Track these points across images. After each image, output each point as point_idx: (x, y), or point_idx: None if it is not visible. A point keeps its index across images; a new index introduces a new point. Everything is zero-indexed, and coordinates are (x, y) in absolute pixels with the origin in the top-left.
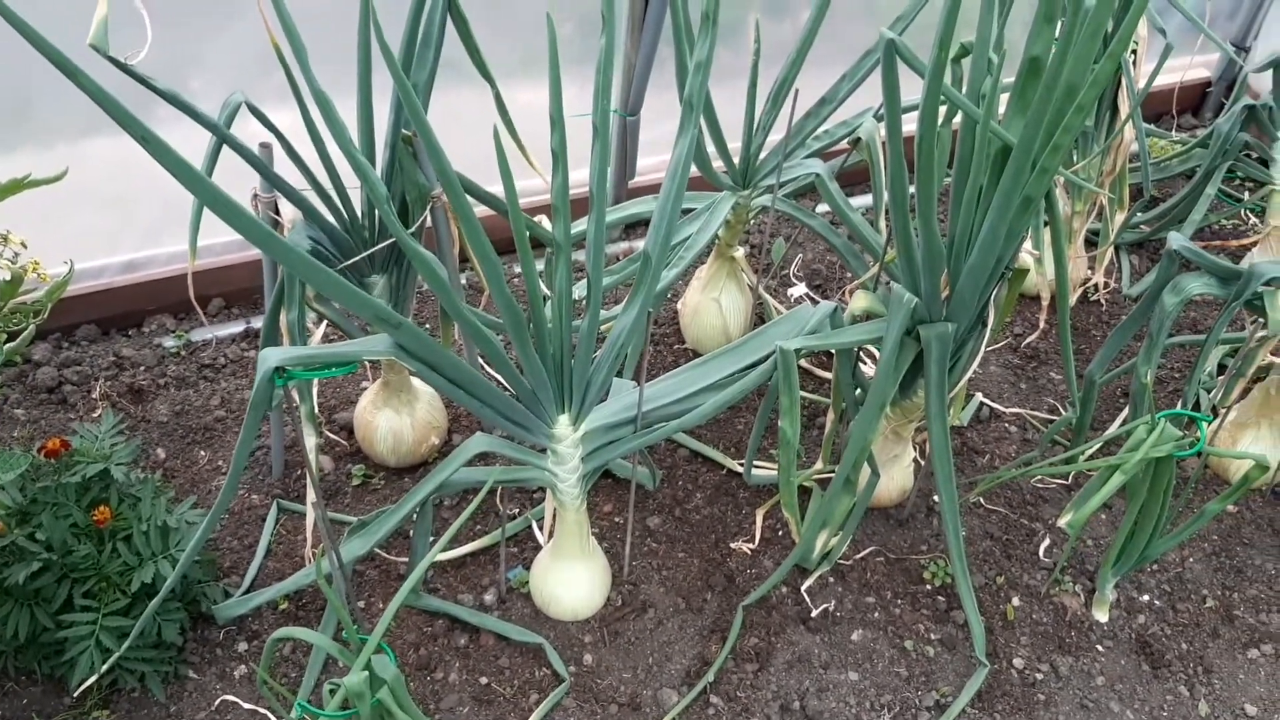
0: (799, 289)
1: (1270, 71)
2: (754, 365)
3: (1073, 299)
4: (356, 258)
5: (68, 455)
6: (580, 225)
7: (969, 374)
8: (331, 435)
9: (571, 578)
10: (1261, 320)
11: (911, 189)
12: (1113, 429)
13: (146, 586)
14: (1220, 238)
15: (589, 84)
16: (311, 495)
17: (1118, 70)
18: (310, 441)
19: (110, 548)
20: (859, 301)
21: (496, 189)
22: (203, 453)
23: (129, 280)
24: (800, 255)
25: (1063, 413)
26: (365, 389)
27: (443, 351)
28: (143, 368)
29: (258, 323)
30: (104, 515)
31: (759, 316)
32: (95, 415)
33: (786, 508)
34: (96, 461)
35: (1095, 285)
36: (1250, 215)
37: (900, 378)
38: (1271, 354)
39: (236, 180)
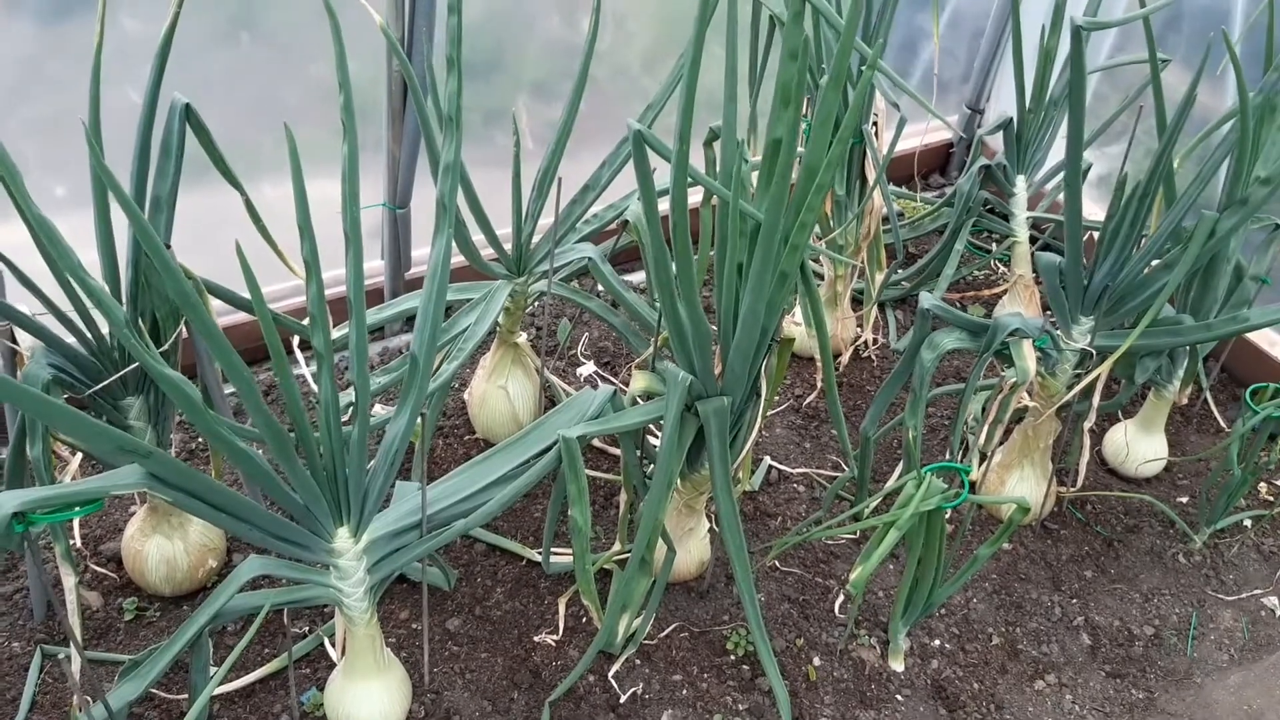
0: (588, 368)
1: (1000, 133)
2: (541, 454)
3: (845, 356)
4: (105, 382)
5: None
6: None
7: (750, 443)
8: (98, 568)
9: (367, 696)
10: (1009, 368)
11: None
12: (891, 482)
13: None
14: (974, 288)
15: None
16: (73, 641)
17: (861, 143)
18: (69, 581)
19: None
20: (638, 382)
21: (267, 289)
22: None
23: None
24: (586, 334)
25: (845, 469)
26: (133, 514)
27: (200, 477)
28: None
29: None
30: None
31: (549, 399)
32: None
33: (585, 595)
34: None
35: (865, 342)
36: (999, 265)
37: (685, 453)
38: (1023, 398)
39: None
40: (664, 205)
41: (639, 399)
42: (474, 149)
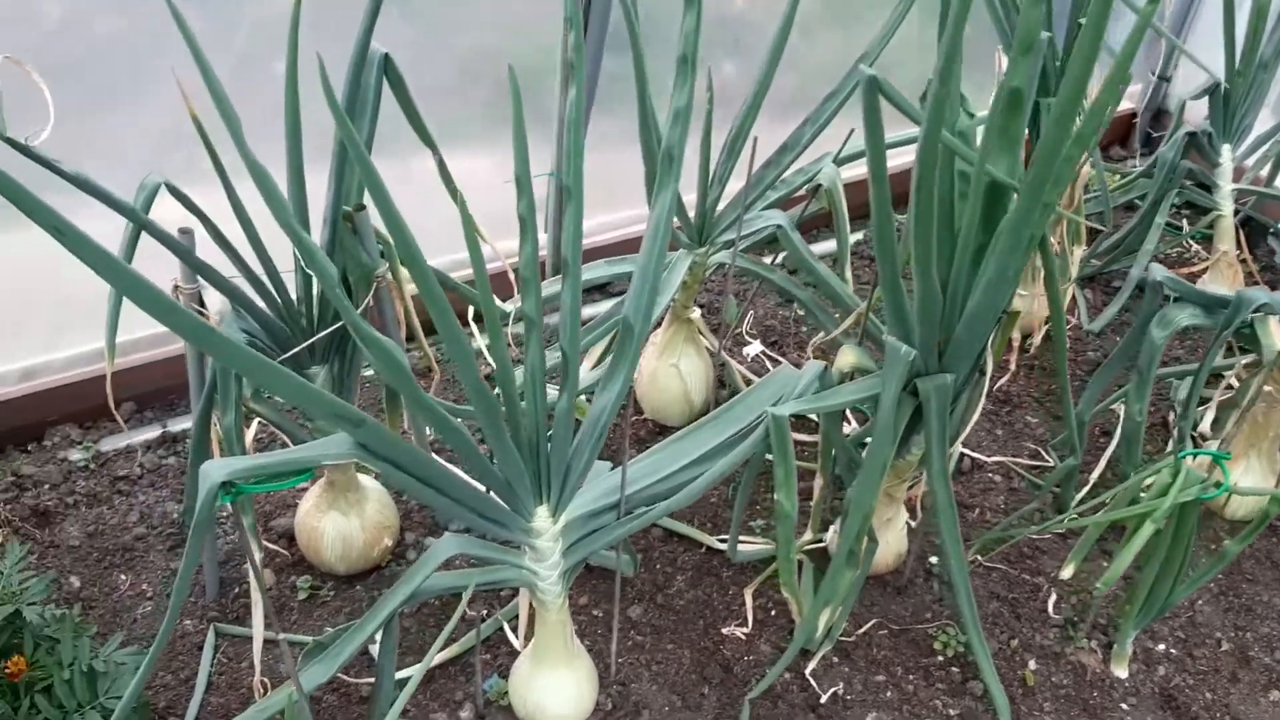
0: (754, 347)
1: (1205, 99)
2: (736, 436)
3: (1037, 337)
4: (297, 349)
5: None
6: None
7: (970, 426)
8: (270, 545)
9: (556, 684)
10: (1243, 348)
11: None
12: (1097, 471)
13: None
14: (1171, 266)
15: (506, 150)
16: (258, 620)
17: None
18: (256, 557)
19: (28, 703)
20: (846, 358)
21: (433, 261)
22: (123, 577)
23: (27, 389)
24: (752, 312)
25: (1044, 457)
26: (304, 490)
27: (408, 448)
28: (47, 486)
29: (175, 425)
30: (18, 666)
31: (719, 380)
32: None
33: (786, 587)
34: (5, 603)
35: None
36: (1192, 243)
37: (899, 436)
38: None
39: (147, 273)
40: (859, 169)
41: (846, 375)
42: (624, 121)
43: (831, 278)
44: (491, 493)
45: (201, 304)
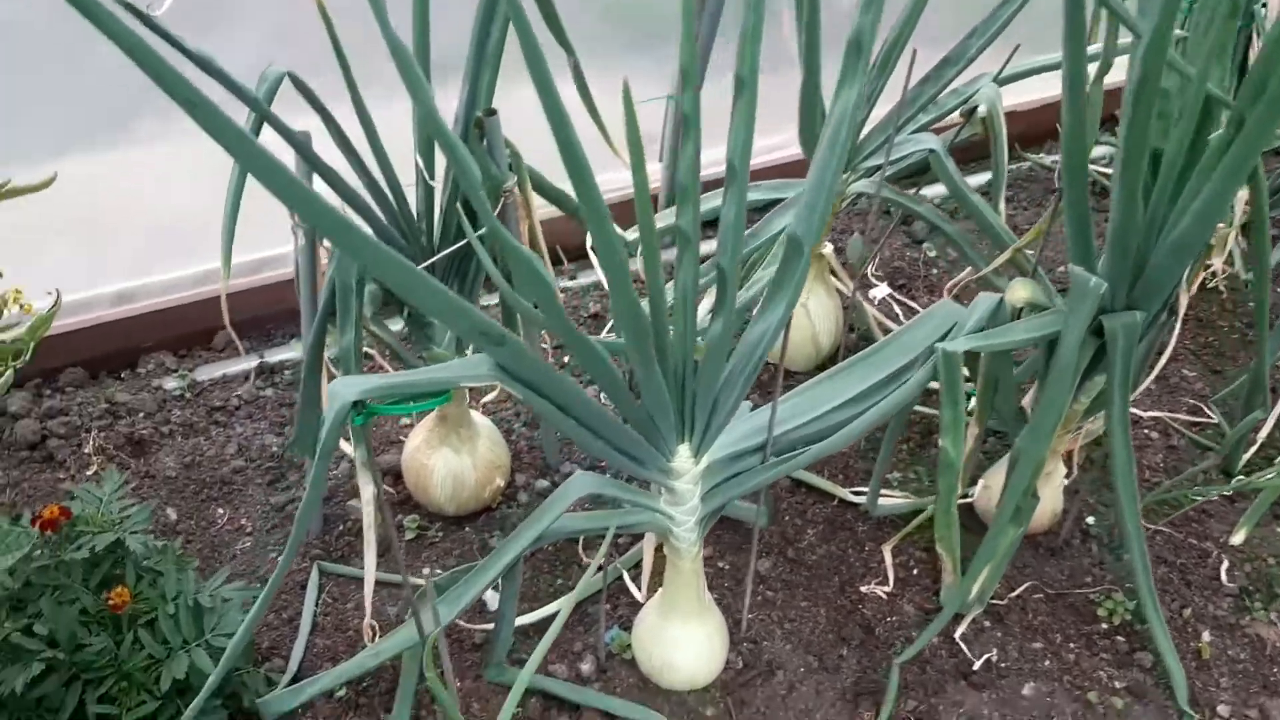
0: (881, 289)
1: None
2: (891, 375)
3: (1194, 286)
4: (425, 263)
5: (68, 525)
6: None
7: (1157, 371)
8: None
9: (687, 639)
10: None
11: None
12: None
13: (179, 683)
14: None
15: (636, 75)
16: (370, 560)
17: (1249, 25)
18: (368, 492)
19: (131, 637)
20: (1019, 292)
21: None
22: (221, 510)
23: (121, 314)
24: (878, 254)
25: (1206, 413)
26: (408, 426)
27: (550, 372)
28: (142, 414)
29: (273, 356)
30: (121, 598)
31: (849, 324)
32: (90, 474)
33: (943, 543)
34: (105, 531)
35: (1213, 272)
36: None
37: (1079, 379)
38: None
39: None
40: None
41: (1018, 311)
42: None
43: (986, 210)
44: (629, 426)
45: (318, 239)
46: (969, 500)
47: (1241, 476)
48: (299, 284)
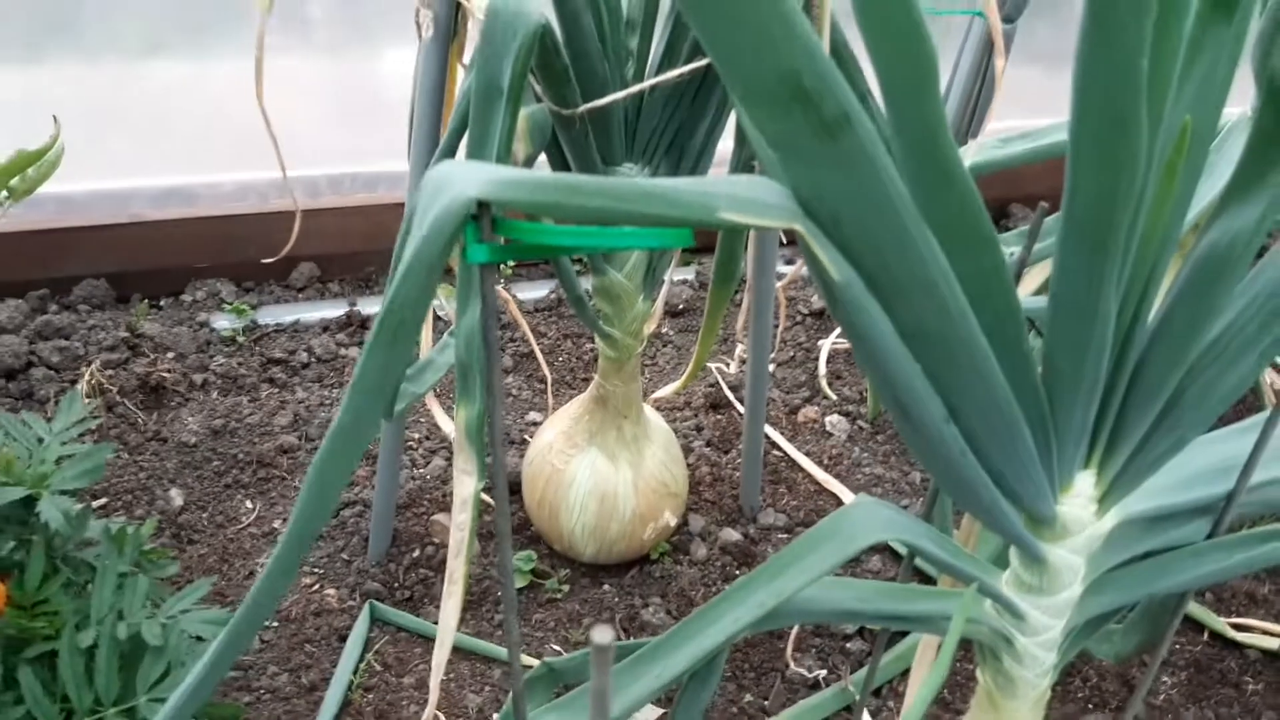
0: None
1: None
2: None
3: None
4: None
5: None
6: None
7: None
8: (483, 497)
9: None
10: None
11: None
12: None
13: None
14: None
15: None
16: (451, 609)
17: None
18: (468, 486)
19: None
20: None
21: None
22: (249, 503)
23: (169, 215)
24: None
25: None
26: (532, 417)
27: (910, 230)
28: (172, 354)
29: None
30: None
31: None
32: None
33: None
34: (16, 484)
35: None
36: None
37: None
38: None
39: None
40: None
41: None
42: None
43: None
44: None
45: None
46: None
47: None
48: (414, 104)
